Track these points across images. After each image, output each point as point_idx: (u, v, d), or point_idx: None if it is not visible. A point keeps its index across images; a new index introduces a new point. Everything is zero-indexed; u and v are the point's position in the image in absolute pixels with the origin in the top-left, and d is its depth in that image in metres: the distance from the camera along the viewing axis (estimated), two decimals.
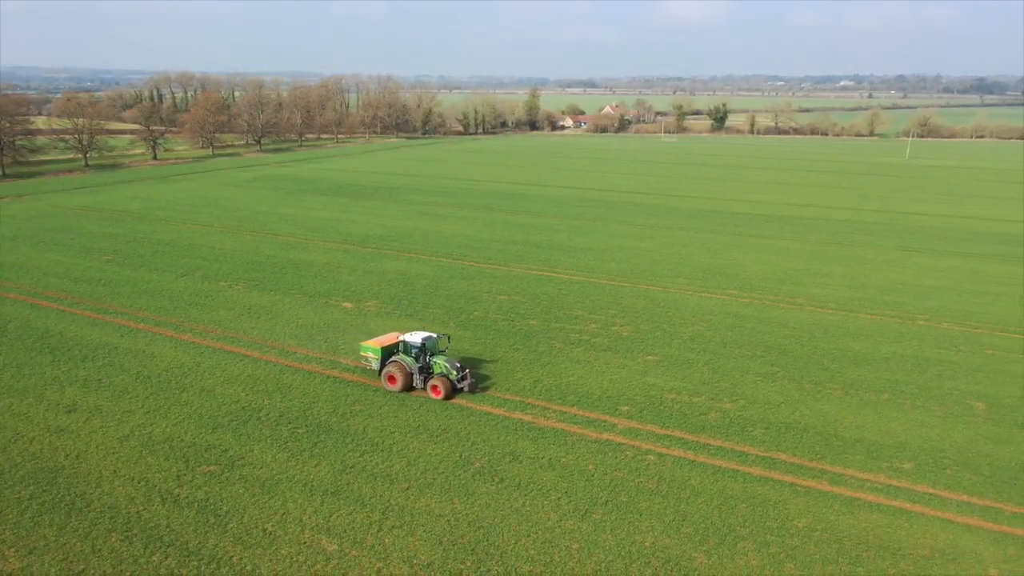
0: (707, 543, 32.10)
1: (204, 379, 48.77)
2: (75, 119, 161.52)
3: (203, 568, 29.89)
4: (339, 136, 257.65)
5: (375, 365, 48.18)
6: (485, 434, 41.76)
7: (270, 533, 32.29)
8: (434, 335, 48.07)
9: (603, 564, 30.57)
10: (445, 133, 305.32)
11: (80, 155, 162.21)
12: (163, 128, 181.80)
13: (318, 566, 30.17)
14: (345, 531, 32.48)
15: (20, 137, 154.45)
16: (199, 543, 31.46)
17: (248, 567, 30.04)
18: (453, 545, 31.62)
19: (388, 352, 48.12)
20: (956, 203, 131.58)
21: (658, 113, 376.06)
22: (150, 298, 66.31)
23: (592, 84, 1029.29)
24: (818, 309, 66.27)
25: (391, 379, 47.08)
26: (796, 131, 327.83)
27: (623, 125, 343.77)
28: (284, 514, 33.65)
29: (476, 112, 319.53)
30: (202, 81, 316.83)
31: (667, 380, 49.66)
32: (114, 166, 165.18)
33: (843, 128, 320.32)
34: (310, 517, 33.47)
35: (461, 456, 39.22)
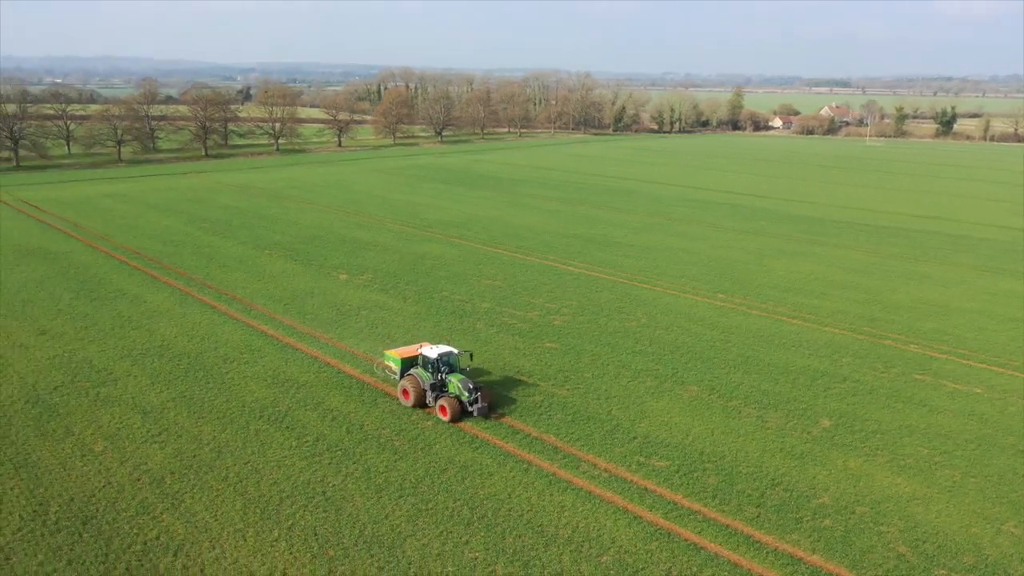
0: (381, 493, 35.59)
1: (160, 322, 58.99)
2: (270, 108, 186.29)
3: None
4: (521, 131, 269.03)
5: (398, 376, 46.03)
6: (317, 388, 47.41)
7: (71, 432, 40.80)
8: (455, 351, 45.13)
9: (263, 492, 35.32)
10: (637, 131, 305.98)
11: (273, 141, 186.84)
12: (348, 118, 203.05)
13: (75, 459, 38.03)
14: (119, 439, 40.14)
15: (229, 124, 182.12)
16: (21, 437, 40.67)
17: (30, 455, 38.53)
18: (178, 457, 38.14)
19: (408, 364, 45.69)
20: None
21: (883, 116, 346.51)
22: (196, 258, 78.95)
23: (845, 84, 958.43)
24: (786, 319, 63.42)
25: (404, 393, 44.42)
26: None
27: (833, 127, 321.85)
28: (94, 422, 42.05)
29: (672, 110, 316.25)
30: (420, 76, 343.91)
31: (532, 364, 51.89)
32: (300, 151, 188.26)
33: None
34: (110, 426, 41.57)
35: (275, 399, 45.43)
